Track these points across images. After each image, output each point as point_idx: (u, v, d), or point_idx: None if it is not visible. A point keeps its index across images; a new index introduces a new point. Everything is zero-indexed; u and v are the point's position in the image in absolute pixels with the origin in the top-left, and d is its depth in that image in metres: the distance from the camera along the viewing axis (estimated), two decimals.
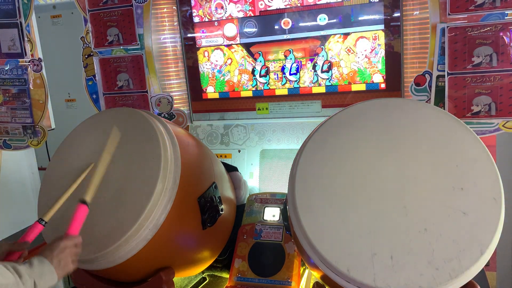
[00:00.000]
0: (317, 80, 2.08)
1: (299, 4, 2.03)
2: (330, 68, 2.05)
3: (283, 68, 2.12)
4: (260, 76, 2.17)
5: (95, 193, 1.36)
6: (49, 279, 1.21)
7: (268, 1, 2.08)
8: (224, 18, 2.17)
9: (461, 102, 1.78)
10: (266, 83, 2.17)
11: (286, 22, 2.08)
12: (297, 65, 2.10)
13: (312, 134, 1.49)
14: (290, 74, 2.12)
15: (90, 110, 2.38)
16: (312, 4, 2.01)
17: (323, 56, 2.05)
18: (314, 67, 2.07)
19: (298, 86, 2.13)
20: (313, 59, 2.07)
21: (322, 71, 2.07)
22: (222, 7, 2.16)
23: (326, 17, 1.99)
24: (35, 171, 2.77)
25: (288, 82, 2.13)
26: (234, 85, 2.24)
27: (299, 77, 2.11)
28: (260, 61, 2.15)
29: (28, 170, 2.75)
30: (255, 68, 2.17)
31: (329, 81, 2.07)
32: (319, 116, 2.09)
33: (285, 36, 2.09)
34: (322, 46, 2.04)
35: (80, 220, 1.32)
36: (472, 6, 1.69)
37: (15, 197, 2.69)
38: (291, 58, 2.10)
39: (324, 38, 2.03)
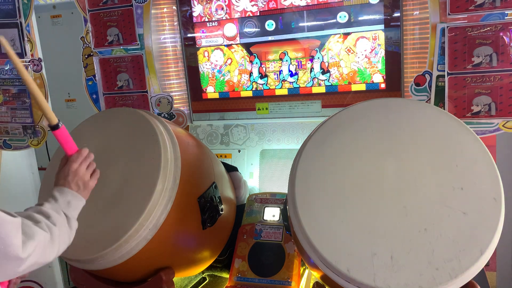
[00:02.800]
0: (316, 82, 2.08)
1: (299, 4, 2.04)
2: (327, 68, 2.05)
3: (280, 72, 2.12)
4: (260, 79, 2.17)
5: (53, 115, 1.23)
6: (77, 203, 1.21)
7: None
8: (224, 18, 2.17)
9: (461, 102, 1.78)
10: (264, 83, 2.17)
11: (285, 22, 2.08)
12: (295, 65, 2.10)
13: (312, 134, 1.49)
14: (291, 76, 2.12)
15: (90, 110, 2.38)
16: (312, 4, 2.01)
17: (318, 58, 2.05)
18: (311, 69, 2.07)
19: (298, 86, 2.13)
20: (313, 59, 2.06)
21: (323, 73, 2.07)
22: (222, 8, 2.16)
23: (347, 14, 1.97)
24: (35, 171, 2.77)
25: (287, 82, 2.13)
26: (234, 85, 2.24)
27: (298, 77, 2.11)
28: (256, 63, 2.15)
29: (28, 170, 2.74)
30: (252, 72, 2.17)
31: (328, 81, 2.07)
32: (319, 116, 2.09)
33: (284, 36, 2.09)
34: (322, 46, 2.04)
35: (68, 139, 1.26)
36: (472, 6, 1.69)
37: (15, 197, 2.69)
38: (287, 60, 2.10)
39: (324, 38, 2.03)
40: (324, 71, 2.06)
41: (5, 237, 0.99)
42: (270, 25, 2.10)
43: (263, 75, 2.16)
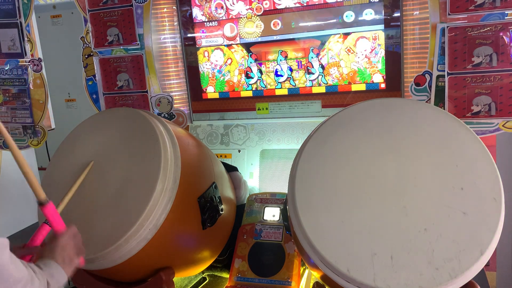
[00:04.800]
0: (315, 82, 2.09)
1: (299, 4, 2.04)
2: (324, 68, 2.05)
3: (276, 72, 2.13)
4: (258, 78, 2.17)
5: (41, 191, 1.24)
6: (59, 278, 1.20)
7: (278, 0, 2.07)
8: (224, 18, 2.17)
9: (461, 102, 1.78)
10: (261, 80, 2.17)
11: (285, 22, 2.08)
12: (295, 64, 2.10)
13: (312, 134, 1.49)
14: (288, 76, 2.12)
15: (90, 110, 2.39)
16: (312, 4, 2.01)
17: (317, 57, 2.05)
18: (308, 70, 2.07)
19: (298, 86, 2.13)
20: (319, 54, 2.07)
21: (321, 72, 2.07)
22: (222, 7, 2.16)
23: (353, 13, 1.96)
24: (35, 171, 2.77)
25: (288, 82, 2.13)
26: (234, 85, 2.24)
27: (299, 77, 2.11)
28: (251, 62, 2.15)
29: None
30: (251, 72, 2.17)
31: (325, 80, 2.07)
32: (319, 116, 2.09)
33: (285, 36, 2.09)
34: (322, 46, 2.04)
35: (56, 217, 1.26)
36: (472, 6, 1.69)
37: (15, 197, 2.69)
38: (281, 60, 2.10)
39: (324, 38, 2.03)
40: (323, 70, 2.06)
41: None
42: (271, 25, 2.10)
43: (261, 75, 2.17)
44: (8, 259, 1.01)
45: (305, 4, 2.02)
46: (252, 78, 2.18)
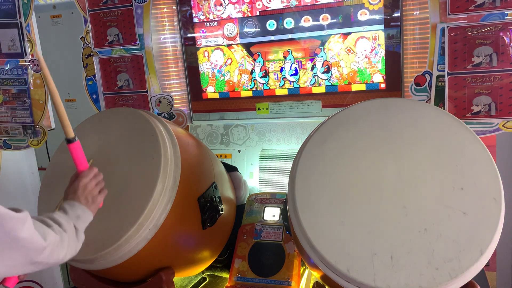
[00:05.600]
0: (316, 81, 2.08)
1: (295, 3, 2.04)
2: (329, 68, 2.05)
3: (282, 70, 2.12)
4: (260, 77, 2.17)
5: (70, 129, 1.29)
6: (85, 218, 1.25)
7: (267, 2, 2.08)
8: (223, 17, 2.17)
9: (461, 102, 1.78)
10: (265, 83, 2.17)
11: (285, 22, 2.08)
12: (296, 65, 2.10)
13: (312, 134, 1.49)
14: (291, 75, 2.12)
15: (90, 110, 2.38)
16: (312, 4, 2.01)
17: (322, 56, 2.05)
18: (312, 68, 2.07)
19: (298, 86, 2.13)
20: (313, 59, 2.07)
21: (322, 72, 2.07)
22: (221, 4, 2.16)
23: (353, 13, 1.96)
24: (35, 171, 2.77)
25: (288, 82, 2.14)
26: (234, 85, 2.24)
27: (299, 77, 2.11)
28: (260, 61, 2.15)
29: (28, 170, 2.74)
30: (254, 70, 2.17)
31: (329, 81, 2.07)
32: (319, 116, 2.09)
33: (284, 36, 2.09)
34: (322, 47, 2.04)
35: (81, 155, 1.31)
36: (472, 6, 1.69)
37: (15, 197, 2.69)
38: (290, 59, 2.10)
39: (324, 38, 2.03)
40: (326, 70, 2.06)
41: (10, 231, 1.00)
42: (271, 25, 2.10)
43: (264, 75, 2.16)
44: (32, 231, 1.04)
45: (305, 4, 2.03)
46: (266, 77, 2.16)
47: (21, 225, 1.02)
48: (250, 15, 2.12)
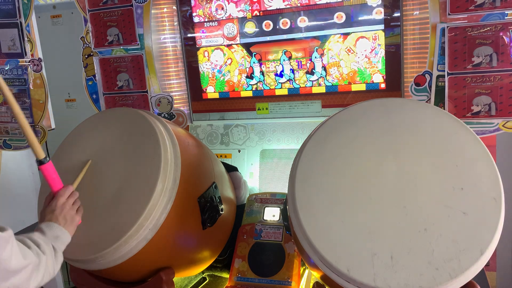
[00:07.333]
0: (315, 82, 2.09)
1: (299, 4, 2.04)
2: (325, 69, 2.05)
3: (281, 70, 2.12)
4: (259, 79, 2.18)
5: (40, 150, 1.28)
6: (64, 238, 1.23)
7: (268, 1, 2.08)
8: (224, 18, 2.17)
9: (461, 102, 1.78)
10: (263, 82, 2.17)
11: (285, 22, 2.08)
12: (296, 64, 2.10)
13: (312, 134, 1.49)
14: (289, 76, 2.12)
15: (90, 110, 2.39)
16: (312, 4, 2.01)
17: (321, 56, 2.05)
18: (312, 69, 2.07)
19: (298, 86, 2.13)
20: (321, 55, 2.06)
21: (322, 71, 2.07)
22: (222, 8, 2.16)
23: (353, 13, 1.96)
24: (35, 171, 2.77)
25: (288, 82, 2.14)
26: (234, 85, 2.24)
27: (299, 77, 2.11)
28: (255, 62, 2.15)
29: (28, 170, 2.75)
30: (253, 73, 2.17)
31: (329, 81, 2.07)
32: (319, 116, 2.09)
33: (285, 36, 2.10)
34: (322, 46, 2.04)
35: (54, 175, 1.29)
36: (472, 6, 1.69)
37: (15, 197, 2.69)
38: (285, 60, 2.10)
39: (324, 38, 2.03)
40: (325, 70, 2.06)
41: None
42: (271, 25, 2.10)
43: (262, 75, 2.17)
44: (9, 254, 1.01)
45: (305, 4, 2.02)
46: (253, 79, 2.18)
47: (4, 244, 0.99)
48: (251, 15, 2.12)
